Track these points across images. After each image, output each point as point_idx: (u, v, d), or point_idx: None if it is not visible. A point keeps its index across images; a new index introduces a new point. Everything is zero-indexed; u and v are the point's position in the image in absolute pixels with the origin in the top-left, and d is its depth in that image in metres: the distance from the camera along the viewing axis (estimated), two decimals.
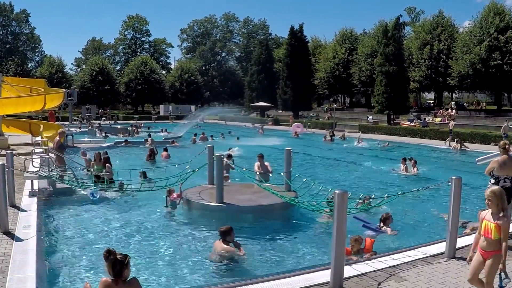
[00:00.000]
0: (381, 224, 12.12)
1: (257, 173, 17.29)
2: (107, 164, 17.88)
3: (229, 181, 17.24)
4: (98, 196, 14.95)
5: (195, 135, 39.72)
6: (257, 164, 18.58)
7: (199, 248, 10.76)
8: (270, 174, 17.07)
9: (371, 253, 9.49)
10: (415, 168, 22.74)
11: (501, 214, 6.39)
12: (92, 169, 18.11)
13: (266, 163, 18.59)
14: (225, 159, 20.95)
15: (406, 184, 20.13)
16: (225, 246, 9.93)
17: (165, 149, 28.32)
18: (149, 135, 36.40)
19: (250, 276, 9.01)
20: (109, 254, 5.66)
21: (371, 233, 11.83)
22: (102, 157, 18.60)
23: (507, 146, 9.95)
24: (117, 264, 5.63)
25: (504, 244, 6.30)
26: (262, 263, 9.92)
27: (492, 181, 9.74)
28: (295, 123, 55.43)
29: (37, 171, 15.23)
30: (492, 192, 6.49)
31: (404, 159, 23.87)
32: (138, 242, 11.32)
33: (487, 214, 6.58)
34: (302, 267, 9.38)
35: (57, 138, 19.63)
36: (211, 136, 41.17)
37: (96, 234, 11.87)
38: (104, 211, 14.29)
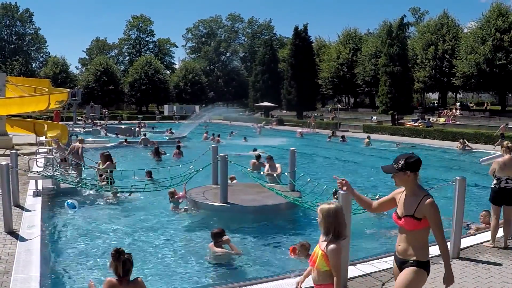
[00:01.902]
0: None
1: (266, 175, 17.30)
2: (107, 162, 17.84)
3: (235, 181, 17.24)
4: (76, 210, 14.02)
5: (219, 135, 39.63)
6: (266, 166, 18.46)
7: (203, 249, 10.75)
8: (275, 175, 17.02)
9: None
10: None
11: (324, 239, 4.99)
12: (96, 170, 18.06)
13: (277, 165, 18.40)
14: (254, 160, 21.05)
15: None
16: (217, 249, 9.96)
17: (178, 147, 28.33)
18: (145, 134, 36.54)
19: (254, 276, 9.02)
20: (119, 254, 5.67)
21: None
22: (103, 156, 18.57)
23: (510, 145, 9.92)
24: (127, 263, 5.66)
25: (336, 279, 4.89)
26: (266, 263, 9.92)
27: (494, 181, 9.72)
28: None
29: (41, 171, 15.24)
30: (320, 211, 5.05)
31: None
32: (141, 242, 11.33)
33: (321, 237, 5.16)
34: (306, 267, 9.36)
35: (79, 144, 19.65)
36: (209, 133, 41.36)
37: (99, 234, 11.88)
38: (108, 211, 14.31)
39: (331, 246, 4.87)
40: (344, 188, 5.38)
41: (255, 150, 25.66)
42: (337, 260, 4.91)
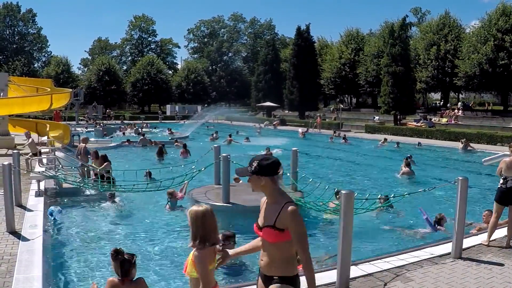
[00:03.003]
0: (436, 225, 12.26)
1: None
2: (106, 162, 17.82)
3: (240, 181, 17.19)
4: (58, 217, 12.93)
5: (230, 135, 39.71)
6: None
7: None
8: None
9: None
10: (406, 168, 22.30)
11: (192, 245, 4.73)
12: (92, 168, 17.99)
13: None
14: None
15: (412, 185, 20.09)
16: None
17: (184, 146, 28.45)
18: (143, 135, 36.64)
19: (255, 276, 8.99)
20: (117, 254, 5.68)
21: (427, 229, 12.32)
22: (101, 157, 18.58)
23: None
24: (125, 263, 5.65)
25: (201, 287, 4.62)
26: None
27: (501, 181, 9.72)
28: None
29: (43, 171, 15.24)
30: (188, 214, 4.86)
31: (406, 159, 23.57)
32: (143, 242, 11.34)
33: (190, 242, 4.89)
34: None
35: (83, 144, 19.68)
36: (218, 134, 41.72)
37: (102, 234, 11.89)
38: (110, 211, 14.32)
39: (196, 252, 4.67)
40: (227, 259, 4.92)
41: (267, 149, 25.76)
42: (202, 267, 4.66)
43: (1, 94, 28.66)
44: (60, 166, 16.32)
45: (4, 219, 10.61)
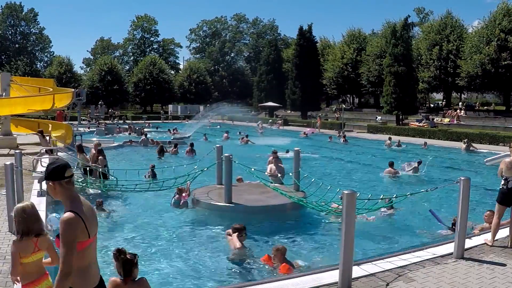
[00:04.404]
0: (453, 227, 12.21)
1: (269, 176, 17.13)
2: (99, 157, 17.80)
3: (242, 182, 17.18)
4: (53, 227, 11.21)
5: (247, 136, 39.77)
6: (270, 165, 18.07)
7: (206, 249, 10.75)
8: (279, 175, 16.87)
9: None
10: (389, 168, 22.40)
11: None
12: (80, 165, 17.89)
13: (280, 165, 18.08)
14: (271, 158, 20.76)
15: (414, 185, 20.07)
16: (239, 243, 9.98)
17: (191, 144, 28.58)
18: (146, 134, 36.78)
19: (258, 276, 9.01)
20: (119, 254, 5.68)
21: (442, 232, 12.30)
22: (96, 150, 18.58)
23: None
24: (127, 263, 5.66)
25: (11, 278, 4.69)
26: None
27: (502, 182, 9.70)
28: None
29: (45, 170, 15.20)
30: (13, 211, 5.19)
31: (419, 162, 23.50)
32: (145, 242, 11.33)
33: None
34: (310, 267, 9.38)
35: (93, 151, 19.72)
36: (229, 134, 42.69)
37: (103, 233, 11.88)
38: (112, 211, 14.31)
39: (13, 243, 5.09)
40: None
41: (287, 151, 25.85)
42: (12, 257, 5.11)
43: (4, 94, 28.65)
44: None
45: (6, 219, 10.61)
